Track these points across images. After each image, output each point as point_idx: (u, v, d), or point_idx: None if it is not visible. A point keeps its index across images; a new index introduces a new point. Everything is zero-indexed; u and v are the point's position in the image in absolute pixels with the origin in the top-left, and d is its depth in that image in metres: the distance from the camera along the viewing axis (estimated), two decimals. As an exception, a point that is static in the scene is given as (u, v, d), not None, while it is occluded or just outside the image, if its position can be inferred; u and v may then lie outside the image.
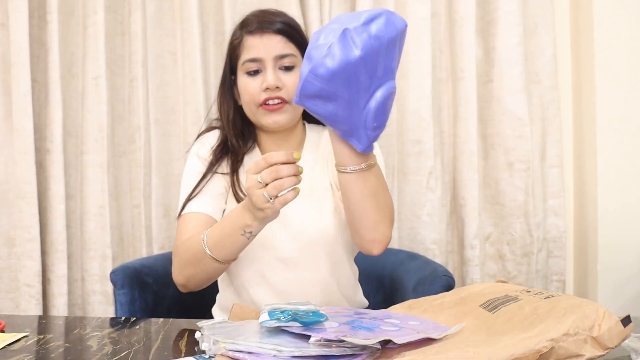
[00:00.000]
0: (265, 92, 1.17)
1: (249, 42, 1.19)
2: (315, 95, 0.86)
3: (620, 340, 0.67)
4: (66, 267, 1.64)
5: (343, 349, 0.70)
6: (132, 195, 1.75)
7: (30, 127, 1.60)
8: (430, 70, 1.67)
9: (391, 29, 0.85)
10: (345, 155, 0.99)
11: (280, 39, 1.18)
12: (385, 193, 1.08)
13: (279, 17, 1.21)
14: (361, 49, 0.83)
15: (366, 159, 1.00)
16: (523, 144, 1.64)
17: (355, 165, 0.99)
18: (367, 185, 1.02)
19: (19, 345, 0.88)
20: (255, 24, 1.19)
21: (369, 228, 1.08)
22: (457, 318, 0.81)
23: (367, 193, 1.03)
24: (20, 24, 1.59)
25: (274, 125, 1.20)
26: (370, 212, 1.05)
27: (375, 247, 1.10)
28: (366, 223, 1.07)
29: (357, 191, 1.03)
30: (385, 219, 1.08)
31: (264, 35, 1.18)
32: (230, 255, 1.07)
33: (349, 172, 1.00)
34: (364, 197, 1.03)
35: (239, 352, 0.72)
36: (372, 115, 0.89)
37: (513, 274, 1.68)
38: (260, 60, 1.17)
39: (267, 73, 1.17)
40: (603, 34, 1.61)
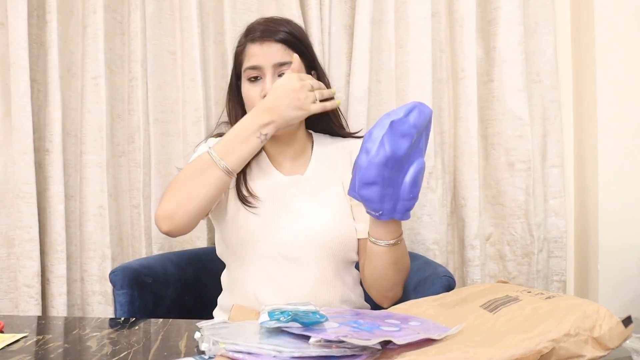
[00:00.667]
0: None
1: (250, 50, 1.23)
2: (371, 182, 0.96)
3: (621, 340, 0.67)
4: (65, 268, 1.63)
5: (343, 349, 0.70)
6: (132, 195, 1.75)
7: (30, 127, 1.60)
8: (430, 70, 1.66)
9: (422, 117, 0.96)
10: (381, 230, 1.09)
11: (280, 47, 1.22)
12: (406, 258, 1.18)
13: (283, 27, 1.24)
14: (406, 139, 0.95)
15: (398, 234, 1.10)
16: (524, 143, 1.64)
17: (389, 240, 1.09)
18: (394, 256, 1.12)
19: (18, 345, 0.87)
20: (258, 32, 1.23)
21: (386, 288, 1.18)
22: (458, 318, 0.81)
23: (392, 262, 1.13)
24: (19, 24, 1.58)
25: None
26: (391, 276, 1.15)
27: (386, 303, 1.20)
28: (385, 284, 1.17)
29: (384, 261, 1.13)
30: (401, 281, 1.19)
31: (264, 44, 1.22)
32: (239, 160, 1.11)
33: (382, 245, 1.10)
34: (389, 265, 1.13)
35: (239, 353, 0.71)
36: (408, 188, 0.98)
37: (514, 274, 1.68)
38: (260, 67, 1.21)
39: (266, 80, 1.21)
40: (604, 34, 1.60)
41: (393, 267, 1.14)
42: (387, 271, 1.15)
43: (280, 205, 1.24)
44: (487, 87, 1.69)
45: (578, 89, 1.72)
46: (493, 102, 1.67)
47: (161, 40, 1.75)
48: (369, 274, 1.18)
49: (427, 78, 1.66)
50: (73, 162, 1.71)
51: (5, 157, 1.66)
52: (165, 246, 1.74)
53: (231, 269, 1.28)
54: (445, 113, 1.73)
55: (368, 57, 1.65)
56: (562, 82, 1.71)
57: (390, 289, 1.18)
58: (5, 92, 1.65)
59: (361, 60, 1.65)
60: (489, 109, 1.68)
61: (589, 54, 1.64)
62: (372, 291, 1.21)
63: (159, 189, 1.73)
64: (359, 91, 1.65)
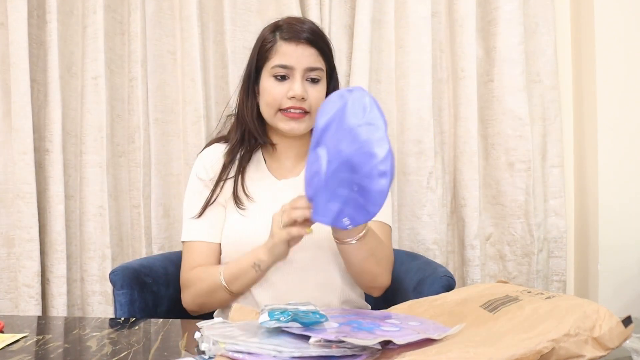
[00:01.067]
0: (291, 100, 1.21)
1: (283, 48, 1.22)
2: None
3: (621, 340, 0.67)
4: (65, 268, 1.63)
5: (343, 349, 0.70)
6: (132, 195, 1.75)
7: (30, 127, 1.60)
8: (430, 70, 1.66)
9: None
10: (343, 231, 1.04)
11: (314, 52, 1.23)
12: (382, 247, 1.17)
13: (314, 29, 1.25)
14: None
15: (361, 229, 1.06)
16: (524, 143, 1.64)
17: (356, 235, 1.06)
18: (367, 247, 1.10)
19: (18, 345, 0.87)
20: (291, 31, 1.23)
21: (369, 280, 1.18)
22: (458, 318, 0.81)
23: (367, 254, 1.11)
24: (19, 24, 1.58)
25: (290, 132, 1.24)
26: (370, 268, 1.14)
27: (374, 292, 1.22)
28: (367, 277, 1.17)
29: (359, 256, 1.12)
30: (384, 271, 1.18)
31: (298, 45, 1.22)
32: (242, 287, 1.18)
33: (352, 243, 1.07)
34: (364, 259, 1.12)
35: (239, 353, 0.71)
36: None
37: (514, 274, 1.67)
38: (291, 68, 1.22)
39: (295, 82, 1.21)
40: (604, 34, 1.60)
41: (370, 259, 1.13)
42: (365, 265, 1.13)
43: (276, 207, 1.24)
44: (487, 87, 1.69)
45: (578, 89, 1.72)
46: (493, 102, 1.67)
47: (161, 40, 1.75)
48: (350, 272, 1.19)
49: (427, 78, 1.66)
50: (73, 162, 1.71)
51: (5, 157, 1.66)
52: (165, 246, 1.73)
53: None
54: (445, 113, 1.73)
55: (368, 57, 1.65)
56: (562, 82, 1.71)
57: (373, 280, 1.18)
58: (5, 92, 1.65)
59: (361, 60, 1.65)
60: (489, 109, 1.68)
61: (589, 54, 1.64)
62: (358, 284, 1.24)
63: (159, 189, 1.73)
64: (359, 91, 1.65)
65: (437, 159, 1.69)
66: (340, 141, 0.90)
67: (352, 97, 0.93)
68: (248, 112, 1.29)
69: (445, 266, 1.48)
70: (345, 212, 0.91)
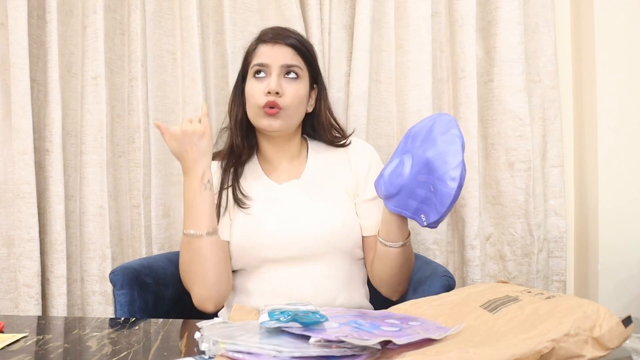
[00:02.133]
0: (267, 95, 1.24)
1: (261, 49, 1.29)
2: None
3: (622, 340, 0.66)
4: (65, 268, 1.63)
5: (343, 349, 0.70)
6: (132, 195, 1.75)
7: (29, 127, 1.60)
8: (430, 69, 1.66)
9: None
10: (395, 232, 1.18)
11: (290, 50, 1.28)
12: (412, 255, 1.26)
13: (295, 34, 1.32)
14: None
15: (408, 233, 1.20)
16: (524, 143, 1.64)
17: (401, 241, 1.19)
18: (406, 254, 1.21)
19: (18, 345, 0.87)
20: (271, 34, 1.30)
21: (397, 284, 1.25)
22: (458, 318, 0.81)
23: (404, 260, 1.21)
24: (19, 24, 1.58)
25: (268, 128, 1.27)
26: (403, 273, 1.23)
27: (395, 297, 1.28)
28: (396, 280, 1.24)
29: (397, 261, 1.21)
30: (408, 278, 1.26)
31: (275, 45, 1.28)
32: (207, 220, 1.15)
33: (395, 247, 1.19)
34: (399, 265, 1.21)
35: (239, 353, 0.71)
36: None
37: (514, 274, 1.67)
38: (267, 65, 1.27)
39: (272, 78, 1.25)
40: (604, 34, 1.60)
41: (404, 265, 1.21)
42: (398, 270, 1.21)
43: (279, 209, 1.25)
44: (487, 87, 1.68)
45: (578, 89, 1.72)
46: (493, 102, 1.67)
47: (161, 40, 1.75)
48: (380, 274, 1.24)
49: (427, 78, 1.66)
50: (73, 162, 1.71)
51: (5, 157, 1.66)
52: (165, 246, 1.73)
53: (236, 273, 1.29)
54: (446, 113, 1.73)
55: (368, 57, 1.65)
56: (562, 82, 1.71)
57: (400, 284, 1.24)
58: (5, 92, 1.65)
59: (361, 60, 1.65)
60: (489, 108, 1.68)
61: (589, 54, 1.64)
62: (382, 288, 1.28)
63: (159, 189, 1.73)
64: (358, 91, 1.65)
65: (437, 159, 1.69)
66: (424, 150, 1.05)
67: (439, 118, 1.08)
68: (233, 118, 1.35)
69: (445, 266, 1.48)
70: (422, 210, 1.06)
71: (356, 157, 1.35)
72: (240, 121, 1.34)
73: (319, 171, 1.33)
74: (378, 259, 1.23)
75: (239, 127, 1.34)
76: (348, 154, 1.36)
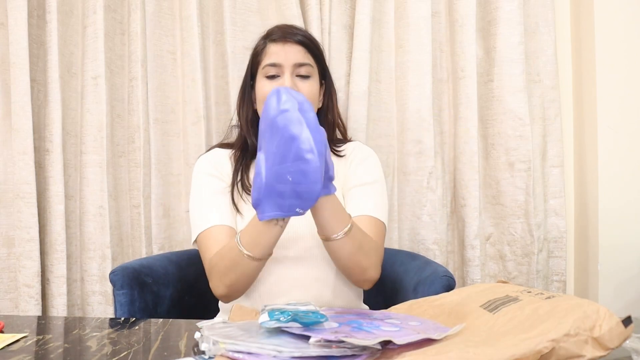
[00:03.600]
0: None
1: (271, 49, 1.27)
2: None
3: (622, 340, 0.66)
4: (65, 268, 1.63)
5: (343, 349, 0.70)
6: (132, 195, 1.75)
7: (30, 127, 1.60)
8: (430, 69, 1.66)
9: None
10: (332, 223, 1.06)
11: (301, 49, 1.27)
12: (368, 240, 1.15)
13: (301, 31, 1.30)
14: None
15: (348, 219, 1.07)
16: (524, 143, 1.64)
17: (342, 229, 1.06)
18: (353, 241, 1.09)
19: (18, 345, 0.87)
20: (279, 33, 1.28)
21: (359, 273, 1.16)
22: (458, 318, 0.81)
23: (354, 249, 1.10)
24: (19, 24, 1.58)
25: None
26: (359, 261, 1.13)
27: (365, 285, 1.21)
28: (356, 270, 1.15)
29: (346, 250, 1.10)
30: (372, 264, 1.16)
31: (286, 44, 1.26)
32: (266, 249, 1.09)
33: (338, 238, 1.07)
34: (352, 253, 1.10)
35: (239, 353, 0.71)
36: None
37: (514, 275, 1.67)
38: (280, 65, 1.25)
39: (285, 78, 1.24)
40: (604, 33, 1.60)
41: (358, 253, 1.11)
42: (353, 259, 1.12)
43: None
44: (487, 87, 1.68)
45: (578, 88, 1.72)
46: (493, 102, 1.67)
47: (161, 40, 1.75)
48: (339, 267, 1.17)
49: (427, 78, 1.66)
50: (73, 162, 1.71)
51: (5, 157, 1.66)
52: (165, 246, 1.73)
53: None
54: (445, 113, 1.73)
55: (368, 57, 1.65)
56: (562, 82, 1.71)
57: (362, 273, 1.16)
58: (5, 92, 1.65)
59: (361, 60, 1.65)
60: (489, 109, 1.68)
61: (589, 54, 1.64)
62: (348, 279, 1.21)
63: (159, 189, 1.73)
64: (359, 91, 1.65)
65: (437, 159, 1.69)
66: (269, 139, 0.91)
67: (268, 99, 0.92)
68: (243, 118, 1.33)
69: (445, 266, 1.48)
70: (292, 204, 0.91)
71: (352, 154, 1.33)
72: (252, 121, 1.32)
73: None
74: (332, 257, 1.15)
75: (251, 126, 1.32)
76: (350, 157, 1.35)
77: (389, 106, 1.72)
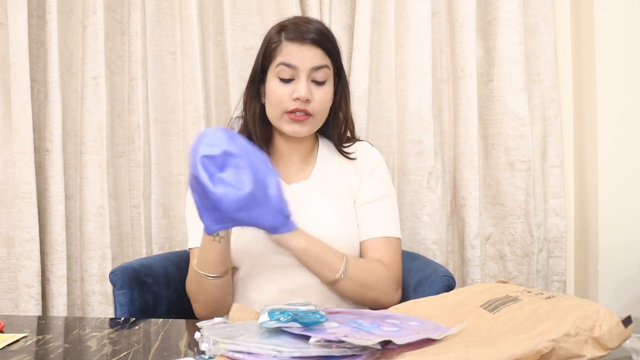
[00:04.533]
0: (295, 101, 1.19)
1: (288, 47, 1.21)
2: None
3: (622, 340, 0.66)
4: (65, 268, 1.63)
5: (343, 349, 0.70)
6: (132, 195, 1.75)
7: (29, 127, 1.60)
8: (430, 69, 1.66)
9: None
10: (323, 271, 1.14)
11: (318, 51, 1.21)
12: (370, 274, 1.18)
13: (322, 31, 1.23)
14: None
15: (340, 262, 1.13)
16: (524, 143, 1.64)
17: (334, 275, 1.13)
18: (353, 282, 1.15)
19: (18, 345, 0.87)
20: (296, 32, 1.21)
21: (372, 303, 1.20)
22: (458, 319, 0.81)
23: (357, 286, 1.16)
24: (19, 24, 1.58)
25: (294, 135, 1.23)
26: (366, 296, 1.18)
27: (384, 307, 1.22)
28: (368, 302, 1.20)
29: (348, 289, 1.17)
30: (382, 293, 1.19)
31: (303, 45, 1.20)
32: (215, 266, 1.11)
33: (336, 282, 1.14)
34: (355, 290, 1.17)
35: (239, 353, 0.71)
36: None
37: (514, 274, 1.67)
38: (296, 68, 1.19)
39: (300, 84, 1.19)
40: (604, 34, 1.60)
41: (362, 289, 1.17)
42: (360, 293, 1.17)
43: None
44: (487, 87, 1.68)
45: (578, 89, 1.72)
46: (493, 102, 1.67)
47: (161, 40, 1.75)
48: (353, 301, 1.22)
49: (427, 78, 1.66)
50: (73, 162, 1.71)
51: (5, 157, 1.66)
52: (165, 246, 1.73)
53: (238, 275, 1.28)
54: (445, 113, 1.73)
55: (368, 57, 1.65)
56: (562, 82, 1.71)
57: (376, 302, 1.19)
58: (5, 92, 1.65)
59: (361, 60, 1.65)
60: (489, 108, 1.68)
61: (589, 54, 1.64)
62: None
63: (159, 189, 1.73)
64: (359, 91, 1.65)
65: (437, 159, 1.69)
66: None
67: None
68: (250, 115, 1.28)
69: (445, 266, 1.48)
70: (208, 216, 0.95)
71: (363, 162, 1.31)
72: (259, 118, 1.27)
73: (327, 173, 1.30)
74: (340, 296, 1.21)
75: (257, 124, 1.27)
76: (357, 158, 1.33)
77: (389, 106, 1.72)
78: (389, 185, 1.32)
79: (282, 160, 1.30)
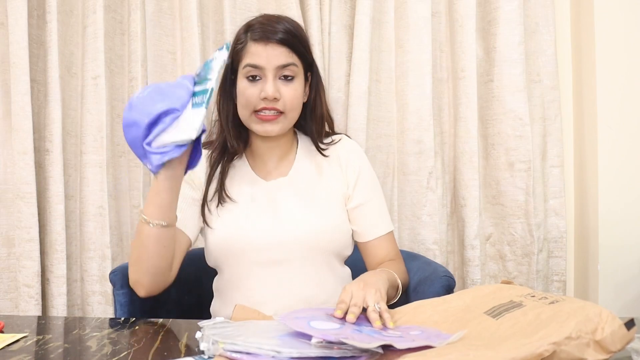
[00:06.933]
0: (263, 101, 1.19)
1: (253, 48, 1.20)
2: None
3: (624, 344, 0.66)
4: (65, 268, 1.63)
5: (344, 350, 0.70)
6: (132, 195, 1.75)
7: (30, 127, 1.59)
8: (430, 69, 1.66)
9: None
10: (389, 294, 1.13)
11: (284, 49, 1.20)
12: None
13: (286, 28, 1.22)
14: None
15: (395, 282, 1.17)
16: (524, 143, 1.64)
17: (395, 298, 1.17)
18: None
19: (18, 345, 0.87)
20: (260, 32, 1.20)
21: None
22: (462, 325, 0.80)
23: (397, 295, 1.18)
24: (19, 24, 1.58)
25: (265, 134, 1.23)
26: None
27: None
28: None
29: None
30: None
31: (267, 45, 1.19)
32: (161, 210, 1.06)
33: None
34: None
35: (238, 353, 0.71)
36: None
37: (514, 275, 1.67)
38: (262, 68, 1.19)
39: (267, 83, 1.18)
40: (604, 34, 1.60)
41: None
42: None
43: (267, 210, 1.23)
44: (487, 87, 1.68)
45: (578, 89, 1.72)
46: (493, 102, 1.67)
47: (161, 40, 1.75)
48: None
49: (427, 78, 1.66)
50: (73, 162, 1.71)
51: (5, 157, 1.66)
52: (165, 246, 1.73)
53: (222, 277, 1.28)
54: (445, 113, 1.73)
55: (368, 57, 1.65)
56: (562, 82, 1.71)
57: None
58: (5, 92, 1.65)
59: (361, 60, 1.65)
60: (489, 108, 1.68)
61: (589, 54, 1.64)
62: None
63: (159, 189, 1.72)
64: (358, 91, 1.65)
65: (437, 159, 1.69)
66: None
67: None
68: (224, 116, 1.27)
69: (445, 266, 1.48)
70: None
71: (346, 157, 1.30)
72: (233, 120, 1.27)
73: (307, 169, 1.29)
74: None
75: (231, 126, 1.26)
76: (338, 152, 1.32)
77: (389, 106, 1.72)
78: (375, 179, 1.34)
79: (260, 159, 1.30)
